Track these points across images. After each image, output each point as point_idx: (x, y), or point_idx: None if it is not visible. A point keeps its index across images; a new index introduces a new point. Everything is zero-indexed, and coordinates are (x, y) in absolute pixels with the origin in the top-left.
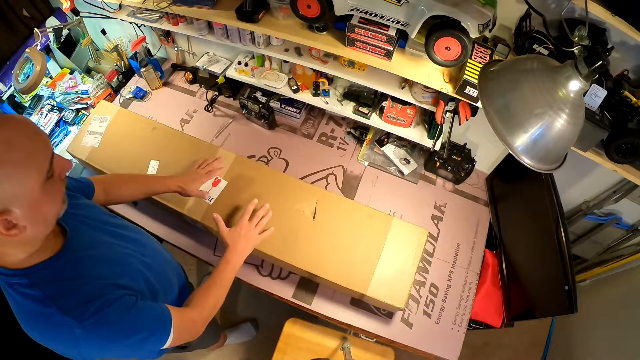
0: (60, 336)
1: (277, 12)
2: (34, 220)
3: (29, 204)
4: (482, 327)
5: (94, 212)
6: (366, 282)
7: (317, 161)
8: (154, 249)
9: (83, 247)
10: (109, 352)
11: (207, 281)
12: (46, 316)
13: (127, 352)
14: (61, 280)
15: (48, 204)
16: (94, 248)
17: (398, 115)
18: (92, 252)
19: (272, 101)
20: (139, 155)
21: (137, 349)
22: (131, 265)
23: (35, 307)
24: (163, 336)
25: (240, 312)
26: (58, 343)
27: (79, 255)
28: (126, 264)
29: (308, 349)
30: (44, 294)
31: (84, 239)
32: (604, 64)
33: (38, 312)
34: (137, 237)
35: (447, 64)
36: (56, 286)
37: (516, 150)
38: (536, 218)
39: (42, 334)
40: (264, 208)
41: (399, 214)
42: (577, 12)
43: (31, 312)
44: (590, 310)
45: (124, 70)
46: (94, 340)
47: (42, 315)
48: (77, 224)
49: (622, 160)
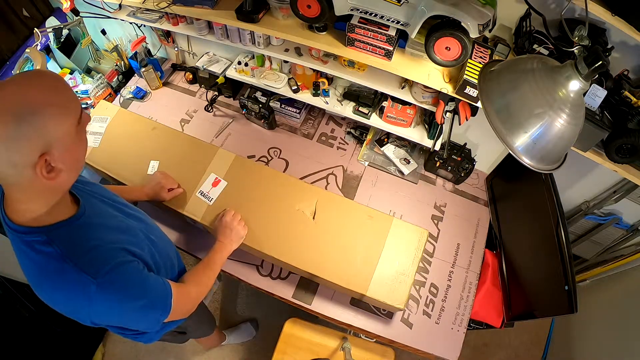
0: (74, 293)
1: (277, 12)
2: (68, 163)
3: (65, 146)
4: (482, 327)
5: (102, 190)
6: (366, 282)
7: (317, 161)
8: (158, 231)
9: (95, 215)
10: (117, 314)
11: (200, 263)
12: (62, 272)
13: (132, 317)
14: (77, 240)
15: (80, 147)
16: (105, 218)
17: (398, 115)
18: (102, 220)
19: (272, 101)
20: (139, 155)
21: (143, 314)
22: (138, 236)
23: (51, 264)
24: (166, 306)
25: (240, 312)
26: (70, 300)
27: (91, 221)
28: (134, 235)
29: (308, 349)
30: (61, 251)
31: (95, 209)
32: (604, 64)
33: (54, 268)
34: (142, 217)
35: (447, 64)
36: (73, 245)
37: (516, 150)
38: (536, 218)
39: (56, 290)
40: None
41: (399, 214)
42: (577, 12)
43: (47, 269)
44: (590, 310)
45: (124, 70)
46: (106, 299)
47: (58, 272)
48: (88, 197)
49: (622, 160)
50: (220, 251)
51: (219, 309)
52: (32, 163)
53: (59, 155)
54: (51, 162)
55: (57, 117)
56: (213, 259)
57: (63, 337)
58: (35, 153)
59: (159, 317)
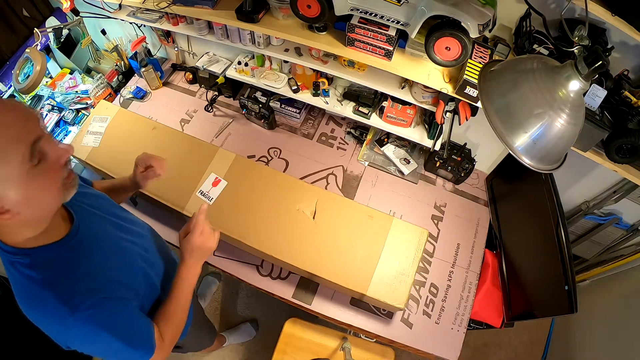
0: (51, 321)
1: (277, 12)
2: (27, 206)
3: (16, 190)
4: (482, 327)
5: (103, 204)
6: (366, 282)
7: (317, 161)
8: (159, 246)
9: (88, 237)
10: (92, 346)
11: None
12: (42, 300)
13: (109, 353)
14: (62, 267)
15: (40, 190)
16: (99, 239)
17: (398, 115)
18: (96, 243)
19: (272, 101)
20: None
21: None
22: (133, 261)
23: (32, 288)
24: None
25: (240, 312)
26: (47, 326)
27: (83, 244)
28: (128, 260)
29: (308, 349)
30: (43, 276)
31: (90, 228)
32: (604, 64)
33: (34, 293)
34: (142, 233)
35: (447, 64)
36: (56, 272)
37: (516, 150)
38: (536, 218)
39: (35, 314)
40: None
41: (399, 214)
42: (577, 12)
43: (28, 292)
44: (590, 310)
45: (124, 70)
46: (83, 332)
47: (37, 298)
48: (85, 213)
49: (622, 160)
50: (187, 278)
51: (219, 309)
52: None
53: (13, 199)
54: (5, 205)
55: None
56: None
57: None
58: None
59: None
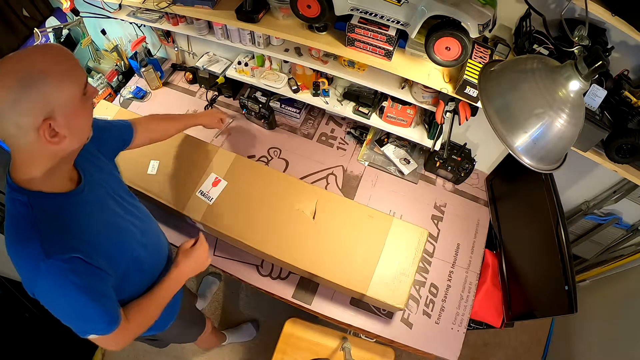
0: (27, 262)
1: (277, 12)
2: (72, 130)
3: (69, 113)
4: (482, 327)
5: (113, 183)
6: (366, 282)
7: (317, 161)
8: (155, 233)
9: (88, 202)
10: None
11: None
12: (26, 238)
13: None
14: (54, 217)
15: (84, 116)
16: (98, 209)
17: (398, 115)
18: (93, 211)
19: (272, 101)
20: (139, 155)
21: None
22: (125, 241)
23: (22, 225)
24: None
25: (240, 312)
26: (22, 267)
27: (80, 206)
28: (121, 239)
29: (308, 349)
30: (35, 218)
31: (94, 196)
32: (604, 64)
33: (22, 230)
34: (142, 217)
35: (447, 64)
36: (48, 219)
37: (516, 150)
38: (536, 218)
39: (16, 250)
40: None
41: (399, 214)
42: (577, 12)
43: (17, 227)
44: (590, 310)
45: (124, 70)
46: (51, 281)
47: (23, 235)
48: (94, 183)
49: (622, 160)
50: (175, 279)
51: (219, 309)
52: (35, 126)
53: (62, 122)
54: (55, 127)
55: (60, 84)
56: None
57: (63, 337)
58: (39, 117)
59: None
